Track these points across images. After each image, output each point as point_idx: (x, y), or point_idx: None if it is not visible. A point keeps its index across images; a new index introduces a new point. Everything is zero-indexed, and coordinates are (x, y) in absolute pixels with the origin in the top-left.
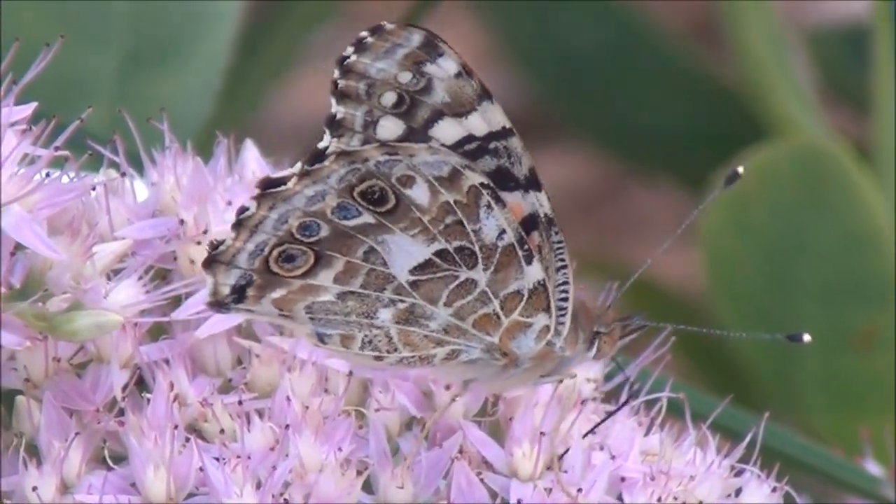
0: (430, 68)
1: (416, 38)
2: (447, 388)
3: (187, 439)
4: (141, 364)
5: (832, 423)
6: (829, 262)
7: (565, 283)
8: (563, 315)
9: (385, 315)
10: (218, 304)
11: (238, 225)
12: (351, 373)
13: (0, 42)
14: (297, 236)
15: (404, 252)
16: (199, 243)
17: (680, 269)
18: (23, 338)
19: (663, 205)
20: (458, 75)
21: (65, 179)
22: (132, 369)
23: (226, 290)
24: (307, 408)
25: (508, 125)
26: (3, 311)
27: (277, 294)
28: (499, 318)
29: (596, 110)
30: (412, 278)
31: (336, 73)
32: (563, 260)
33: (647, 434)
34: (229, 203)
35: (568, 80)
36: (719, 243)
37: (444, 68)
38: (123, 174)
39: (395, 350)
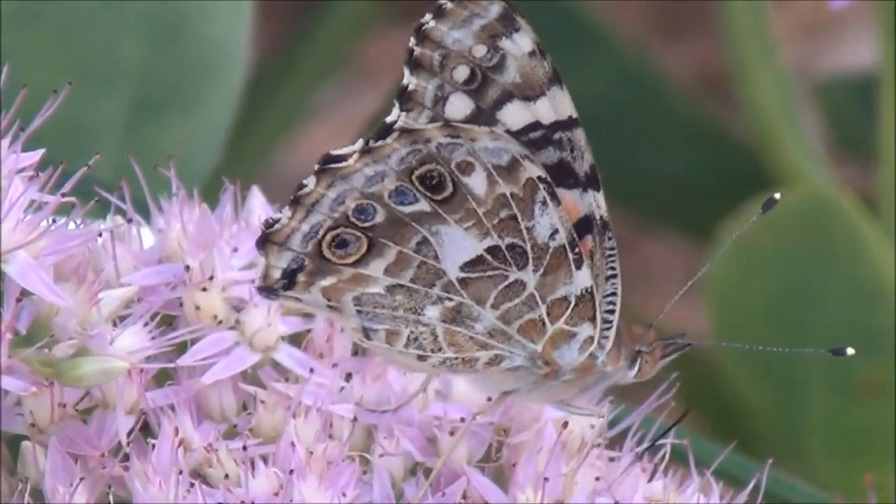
0: (505, 43)
1: (495, 8)
2: (451, 433)
3: (192, 485)
4: (146, 410)
5: (836, 472)
6: (834, 312)
7: (613, 293)
8: (608, 328)
9: (432, 312)
10: (267, 290)
11: (295, 202)
12: (355, 418)
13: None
14: (353, 220)
15: (456, 245)
16: (204, 290)
17: (688, 320)
18: (29, 383)
19: (673, 256)
20: (532, 54)
21: (71, 226)
22: (137, 415)
23: (277, 274)
24: (311, 453)
25: (575, 115)
26: (9, 357)
27: (327, 282)
28: (544, 324)
29: (605, 162)
30: (462, 275)
31: (412, 41)
32: (613, 269)
33: (650, 480)
34: (235, 250)
35: None
36: (726, 292)
37: (520, 45)
38: (130, 220)
39: (440, 350)
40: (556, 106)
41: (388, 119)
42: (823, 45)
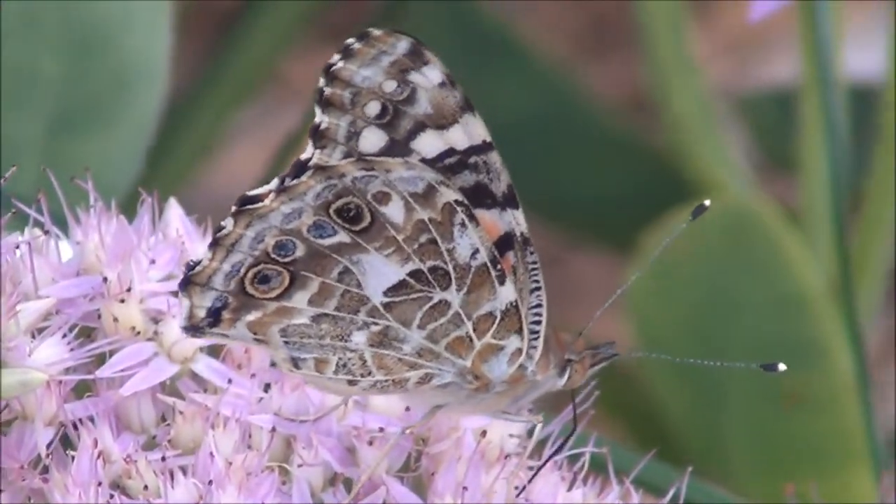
0: (414, 77)
1: (403, 45)
2: (370, 443)
3: (111, 496)
4: (65, 421)
5: (758, 483)
6: (756, 323)
7: (539, 305)
8: (535, 338)
9: (359, 338)
10: (193, 329)
11: (214, 244)
12: (274, 429)
13: None
14: (273, 256)
15: (378, 272)
16: (122, 301)
17: (612, 332)
18: None
19: (598, 271)
20: (442, 85)
21: None
22: (57, 427)
23: (202, 314)
24: (230, 464)
25: (489, 139)
26: None
27: (252, 317)
28: (471, 340)
29: (527, 179)
30: (386, 300)
31: (322, 81)
32: (537, 281)
33: (570, 489)
34: (153, 261)
35: (498, 149)
36: (646, 305)
37: (429, 77)
38: (47, 233)
39: (370, 374)
40: (469, 132)
41: (303, 156)
42: (750, 61)
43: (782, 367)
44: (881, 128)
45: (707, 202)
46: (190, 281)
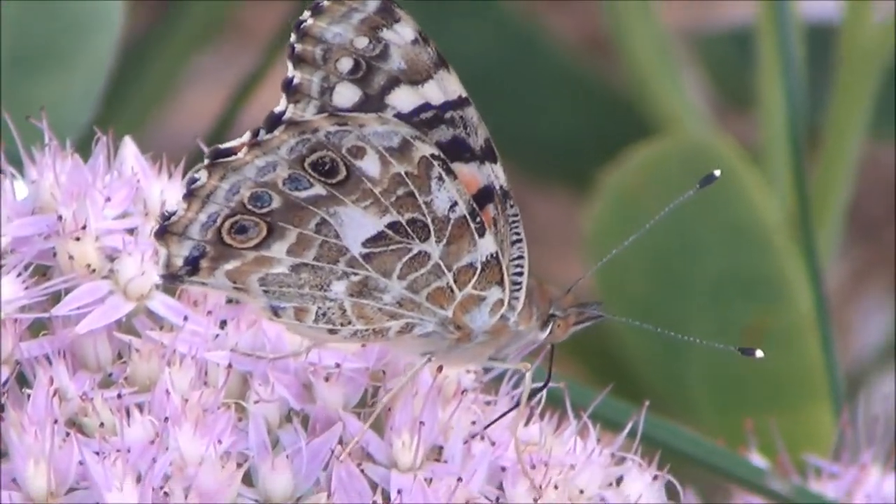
0: (386, 34)
1: (373, 3)
2: (326, 379)
3: (67, 434)
4: (21, 360)
5: (720, 420)
6: (715, 260)
7: (520, 257)
8: (517, 290)
9: (339, 287)
10: (171, 277)
11: (189, 195)
12: (230, 366)
13: None
14: (249, 207)
15: (356, 224)
16: (77, 239)
17: (573, 271)
18: None
19: (559, 211)
20: (415, 42)
21: None
22: (12, 366)
23: (179, 262)
24: (187, 401)
25: (464, 94)
26: None
27: (231, 266)
28: (452, 291)
29: (487, 120)
30: (365, 251)
31: (293, 37)
32: (518, 234)
33: (527, 424)
34: (108, 199)
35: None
36: (605, 242)
37: (401, 34)
38: (2, 173)
39: (349, 323)
40: (444, 87)
41: (277, 110)
42: (709, 2)
43: (759, 353)
44: (838, 66)
45: (717, 172)
46: (166, 230)
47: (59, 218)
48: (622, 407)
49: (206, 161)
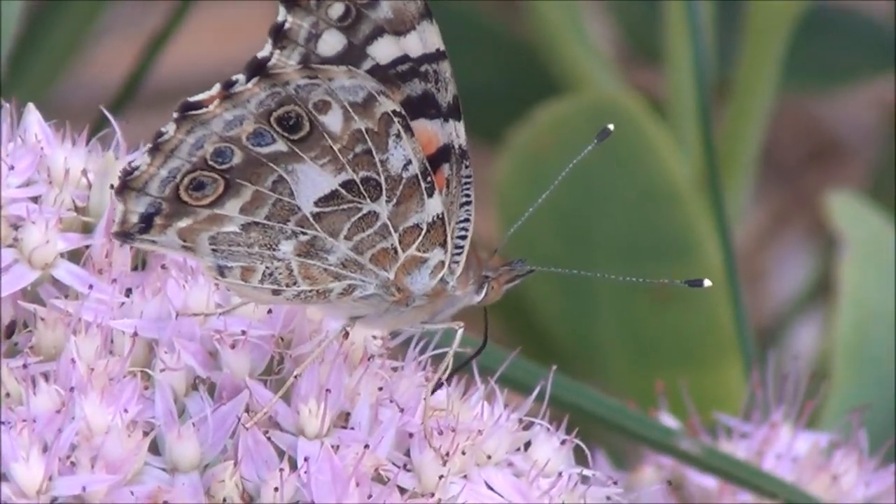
0: None
1: None
2: (232, 346)
3: None
4: None
5: (631, 379)
6: (624, 217)
7: (466, 220)
8: (459, 253)
9: (287, 247)
10: (124, 235)
11: (154, 149)
12: (136, 334)
13: None
14: (210, 163)
15: (311, 182)
16: None
17: (481, 228)
18: None
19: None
20: None
21: None
22: None
23: (134, 219)
24: (93, 370)
25: (442, 48)
26: None
27: (184, 223)
28: (396, 252)
29: None
30: (316, 210)
31: None
32: (468, 196)
33: (434, 390)
34: (12, 168)
35: None
36: (513, 199)
37: None
38: None
39: (295, 283)
40: (424, 39)
41: (260, 55)
42: None
43: (707, 283)
44: (747, 18)
45: (611, 126)
46: (126, 185)
47: None
48: (531, 369)
49: (175, 114)
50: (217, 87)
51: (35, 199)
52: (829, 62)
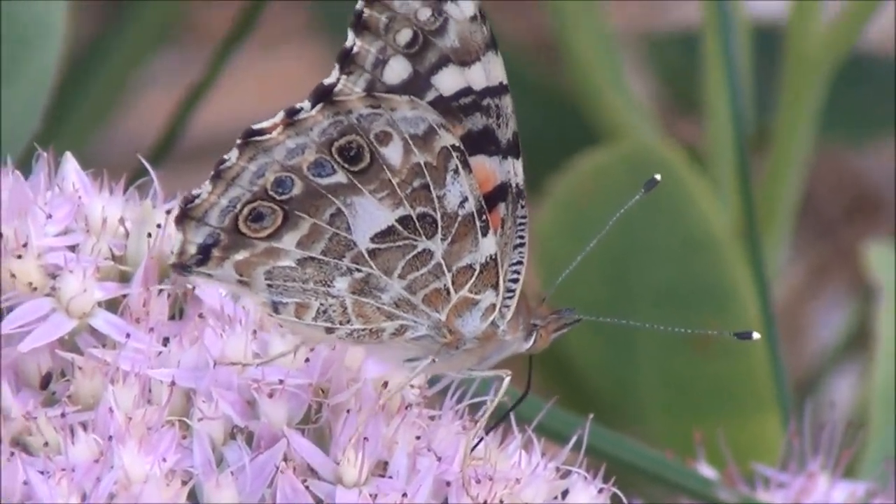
0: (449, 7)
1: None
2: (270, 395)
3: (12, 453)
4: None
5: (669, 429)
6: (663, 267)
7: (519, 262)
8: (510, 296)
9: (341, 284)
10: (181, 267)
11: (216, 177)
12: (174, 383)
13: None
14: (271, 192)
15: (369, 216)
16: (19, 257)
17: (529, 277)
18: None
19: None
20: (473, 19)
21: None
22: None
23: (193, 250)
24: (130, 419)
25: (505, 81)
26: None
27: (241, 256)
28: (448, 293)
29: None
30: (372, 246)
31: (361, 3)
32: (522, 237)
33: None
34: (49, 216)
35: None
36: (554, 248)
37: (462, 9)
38: None
39: (348, 322)
40: (488, 71)
41: (327, 81)
42: (659, 2)
43: (756, 335)
44: (785, 67)
45: (658, 176)
46: (187, 215)
47: (1, 236)
48: (569, 418)
49: (239, 140)
50: (281, 114)
51: (73, 248)
52: (865, 113)
